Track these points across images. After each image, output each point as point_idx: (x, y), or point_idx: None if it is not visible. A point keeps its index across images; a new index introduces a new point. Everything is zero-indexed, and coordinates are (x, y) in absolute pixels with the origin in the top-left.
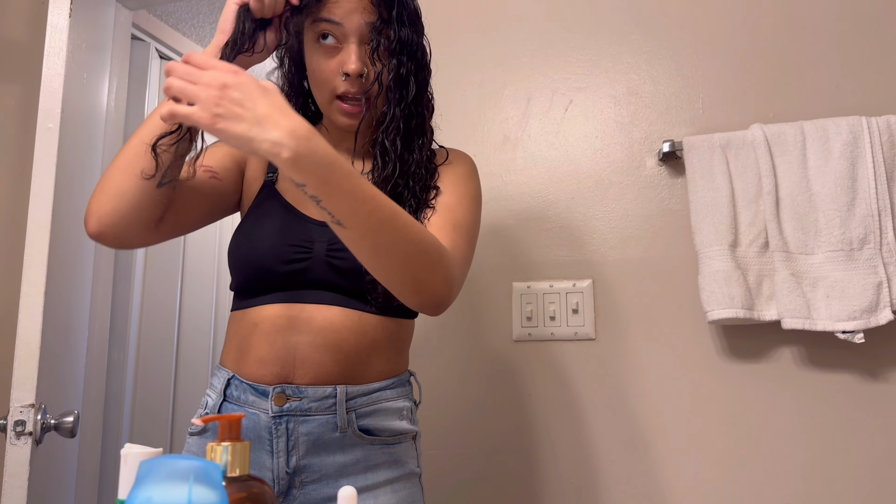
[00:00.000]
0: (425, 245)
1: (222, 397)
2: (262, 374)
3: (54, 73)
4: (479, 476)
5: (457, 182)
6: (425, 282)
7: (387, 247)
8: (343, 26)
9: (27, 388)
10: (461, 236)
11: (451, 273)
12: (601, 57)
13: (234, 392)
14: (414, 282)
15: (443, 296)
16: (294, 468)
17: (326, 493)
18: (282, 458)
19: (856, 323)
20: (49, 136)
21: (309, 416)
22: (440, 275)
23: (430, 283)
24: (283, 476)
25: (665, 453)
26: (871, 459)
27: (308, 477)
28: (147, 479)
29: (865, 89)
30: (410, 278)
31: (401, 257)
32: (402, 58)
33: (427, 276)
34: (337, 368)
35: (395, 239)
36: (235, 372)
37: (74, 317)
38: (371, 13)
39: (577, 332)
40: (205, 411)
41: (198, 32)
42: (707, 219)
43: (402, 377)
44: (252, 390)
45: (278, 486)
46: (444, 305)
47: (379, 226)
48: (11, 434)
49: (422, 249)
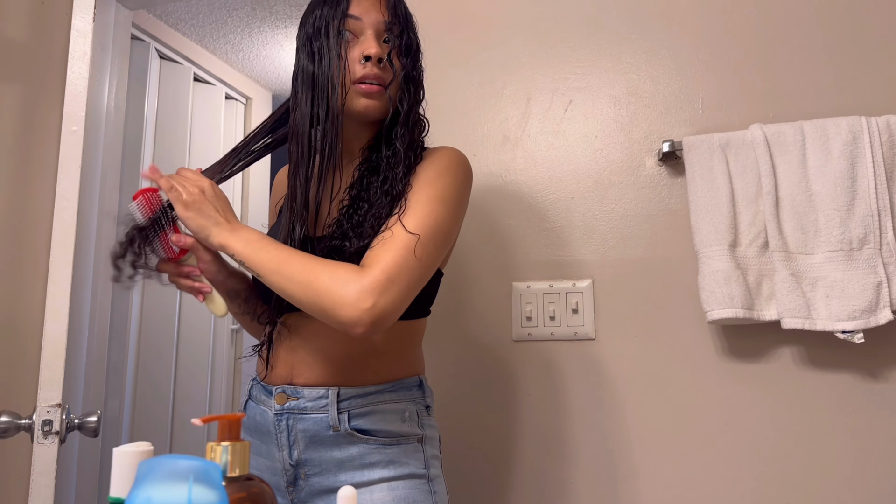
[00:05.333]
0: (315, 284)
1: (248, 396)
2: (271, 376)
3: (79, 77)
4: (478, 476)
5: (419, 186)
6: (329, 313)
7: (284, 288)
8: (362, 21)
9: (54, 388)
10: (397, 251)
11: (361, 299)
12: (601, 57)
13: (254, 392)
14: (320, 313)
15: (355, 321)
16: (297, 461)
17: (329, 485)
18: (285, 451)
19: (855, 323)
20: (74, 139)
21: (305, 414)
22: (341, 304)
23: (334, 315)
24: (289, 468)
25: (665, 453)
26: (870, 459)
27: (311, 470)
28: (147, 479)
29: (865, 89)
30: (316, 310)
31: (298, 295)
32: (412, 61)
33: (327, 308)
34: (330, 371)
35: (286, 282)
36: (258, 374)
37: (74, 317)
38: (385, 13)
39: (576, 332)
40: (241, 408)
41: (197, 32)
42: (707, 219)
43: (407, 381)
44: (264, 390)
45: (286, 476)
46: (358, 324)
47: (275, 274)
48: (39, 433)
49: (311, 288)
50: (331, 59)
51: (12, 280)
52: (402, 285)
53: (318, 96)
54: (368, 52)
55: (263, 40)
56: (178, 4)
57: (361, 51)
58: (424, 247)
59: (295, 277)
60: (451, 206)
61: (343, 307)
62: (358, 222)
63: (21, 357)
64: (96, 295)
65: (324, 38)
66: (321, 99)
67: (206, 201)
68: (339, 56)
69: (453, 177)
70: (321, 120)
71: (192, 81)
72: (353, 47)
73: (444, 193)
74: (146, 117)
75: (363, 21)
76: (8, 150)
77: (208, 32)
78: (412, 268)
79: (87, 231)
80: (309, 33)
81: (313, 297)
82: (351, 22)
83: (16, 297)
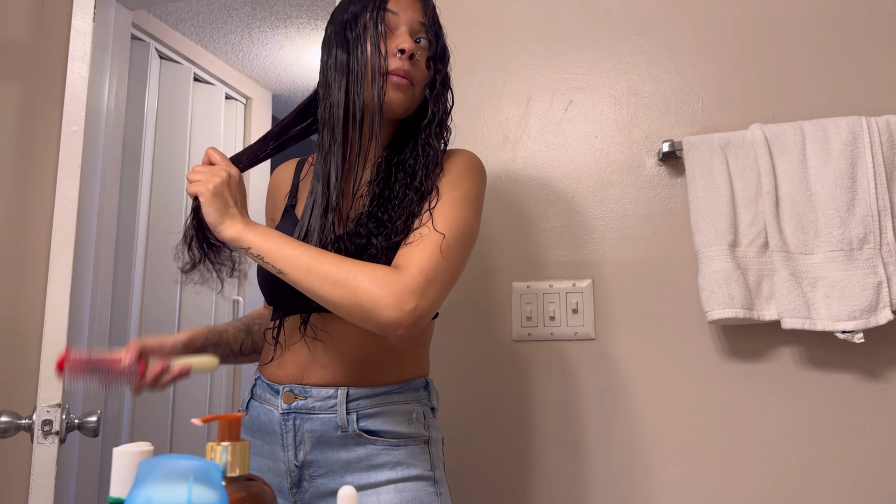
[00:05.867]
0: (354, 284)
1: (250, 395)
2: (279, 375)
3: (79, 77)
4: (478, 475)
5: (444, 188)
6: (370, 314)
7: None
8: (399, 16)
9: (54, 388)
10: (431, 252)
11: (404, 300)
12: (601, 57)
13: (258, 391)
14: (357, 313)
15: (397, 322)
16: (302, 462)
17: (334, 487)
18: (290, 451)
19: (855, 323)
20: (74, 139)
21: (313, 414)
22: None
23: (375, 315)
24: (294, 469)
25: (664, 453)
26: (870, 459)
27: (316, 471)
28: (147, 479)
29: (865, 89)
30: (353, 310)
31: (332, 295)
32: (444, 66)
33: (367, 308)
34: (343, 372)
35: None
36: (262, 373)
37: (74, 316)
38: (421, 13)
39: (576, 332)
40: (242, 407)
41: (198, 32)
42: (707, 219)
43: (415, 382)
44: (269, 389)
45: (290, 478)
46: (398, 325)
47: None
48: (39, 433)
49: (350, 289)
50: (369, 47)
51: (13, 280)
52: (439, 287)
53: (354, 83)
54: (403, 45)
55: (263, 40)
56: (178, 4)
57: (396, 44)
58: (455, 248)
59: (330, 276)
60: (475, 208)
61: (386, 308)
62: (382, 220)
63: (21, 357)
64: (96, 295)
65: (361, 27)
66: (359, 87)
67: (227, 190)
68: (376, 45)
69: (475, 179)
70: (359, 108)
71: (192, 81)
72: (387, 40)
73: (468, 196)
74: (146, 117)
75: (400, 17)
76: (8, 150)
77: (208, 32)
78: (446, 269)
79: (87, 231)
80: (343, 22)
81: (350, 298)
82: (388, 16)
83: (16, 296)
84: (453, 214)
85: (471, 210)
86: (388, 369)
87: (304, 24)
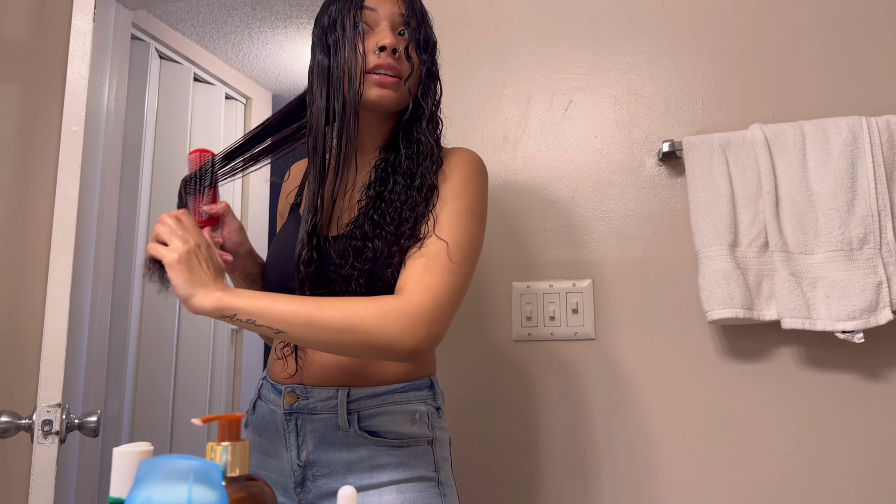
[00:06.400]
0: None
1: (258, 395)
2: (283, 375)
3: (78, 77)
4: (478, 476)
5: (447, 198)
6: (385, 351)
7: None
8: (377, 12)
9: (54, 388)
10: (440, 275)
11: (417, 330)
12: (601, 57)
13: (264, 391)
14: (372, 352)
15: (414, 350)
16: (305, 462)
17: (336, 487)
18: (293, 451)
19: (855, 323)
20: (74, 139)
21: (315, 414)
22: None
23: (391, 351)
24: (297, 468)
25: (665, 453)
26: (870, 459)
27: (319, 471)
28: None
29: (865, 89)
30: (367, 351)
31: (343, 343)
32: (430, 56)
33: (382, 347)
34: (342, 371)
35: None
36: (268, 373)
37: (74, 316)
38: (401, 5)
39: (576, 332)
40: (250, 407)
41: (197, 32)
42: (707, 219)
43: (418, 381)
44: (273, 389)
45: (294, 477)
46: (417, 353)
47: (307, 326)
48: (39, 433)
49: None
50: (346, 50)
51: (12, 280)
52: (449, 308)
53: (333, 88)
54: (383, 42)
55: (263, 40)
56: (178, 4)
57: (376, 41)
58: (462, 266)
59: (336, 325)
60: (480, 220)
61: (401, 341)
62: (378, 222)
63: (21, 357)
64: (96, 295)
65: (339, 30)
66: (337, 91)
67: (196, 258)
68: (354, 47)
69: (479, 187)
70: (337, 112)
71: (192, 81)
72: (368, 38)
73: (473, 207)
74: (146, 117)
75: (378, 12)
76: (8, 150)
77: (208, 32)
78: (457, 290)
79: (87, 231)
80: (324, 27)
81: (364, 340)
82: (366, 13)
83: (16, 296)
84: (460, 231)
85: (476, 223)
86: (390, 369)
87: (304, 24)
